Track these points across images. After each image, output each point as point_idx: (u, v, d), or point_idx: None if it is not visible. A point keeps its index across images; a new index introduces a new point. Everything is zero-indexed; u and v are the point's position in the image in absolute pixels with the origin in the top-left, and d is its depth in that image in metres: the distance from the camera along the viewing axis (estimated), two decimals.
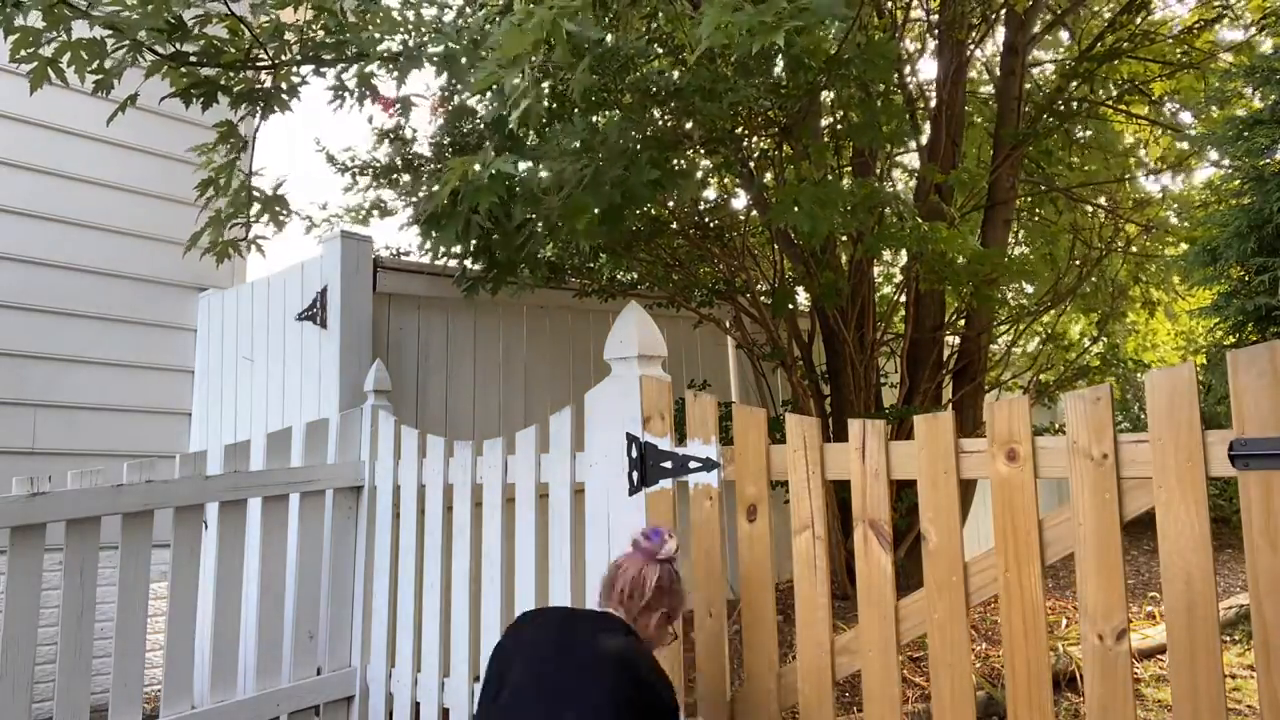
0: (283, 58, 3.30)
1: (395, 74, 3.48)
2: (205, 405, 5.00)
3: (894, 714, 2.21)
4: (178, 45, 3.05)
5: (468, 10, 4.11)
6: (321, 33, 3.30)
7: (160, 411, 4.99)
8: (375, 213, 5.31)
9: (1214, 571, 1.81)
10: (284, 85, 3.33)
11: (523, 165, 3.19)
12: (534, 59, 2.47)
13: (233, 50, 3.19)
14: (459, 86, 3.72)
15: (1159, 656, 4.37)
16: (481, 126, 4.04)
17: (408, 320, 4.50)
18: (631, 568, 2.15)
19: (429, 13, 3.73)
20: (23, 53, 2.74)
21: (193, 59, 3.12)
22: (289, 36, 3.30)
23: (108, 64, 2.89)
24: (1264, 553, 1.74)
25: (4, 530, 2.69)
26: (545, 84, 2.68)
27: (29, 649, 2.71)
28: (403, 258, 4.73)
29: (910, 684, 3.99)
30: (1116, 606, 1.91)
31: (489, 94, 3.34)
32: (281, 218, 3.66)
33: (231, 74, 3.27)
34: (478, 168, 2.90)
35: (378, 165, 4.77)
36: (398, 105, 3.73)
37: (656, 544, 2.19)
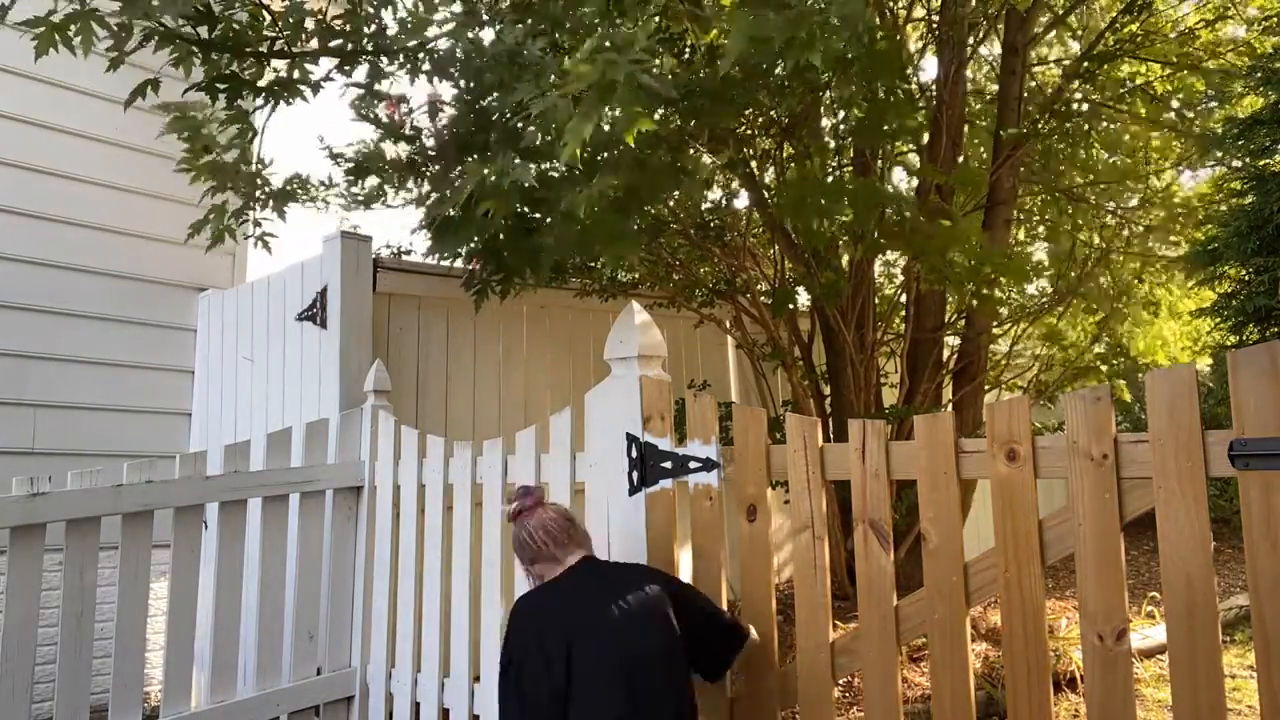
0: (299, 46, 3.26)
1: (409, 70, 3.46)
2: (205, 405, 5.00)
3: (894, 714, 2.21)
4: (201, 33, 3.00)
5: (480, 7, 4.10)
6: (340, 22, 3.26)
7: (160, 411, 4.99)
8: (369, 204, 5.29)
9: (1214, 571, 1.81)
10: (297, 75, 3.29)
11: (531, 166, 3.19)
12: (602, 104, 2.43)
13: (251, 34, 3.14)
14: (483, 88, 3.70)
15: (1159, 656, 4.36)
16: (488, 125, 4.03)
17: (408, 320, 4.50)
18: (545, 515, 2.27)
19: (443, 10, 3.71)
20: (31, 15, 2.66)
21: (215, 46, 3.07)
22: (309, 24, 3.25)
23: (126, 47, 2.84)
24: (1264, 553, 1.74)
25: (4, 530, 2.69)
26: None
27: (29, 649, 2.71)
28: (403, 257, 4.73)
29: (910, 684, 3.99)
30: (1116, 606, 1.91)
31: (517, 105, 3.33)
32: (286, 210, 3.64)
33: (249, 63, 3.23)
34: (495, 175, 2.89)
35: (378, 156, 4.75)
36: (410, 108, 3.72)
37: (538, 494, 2.34)
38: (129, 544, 2.96)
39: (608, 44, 2.35)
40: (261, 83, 3.24)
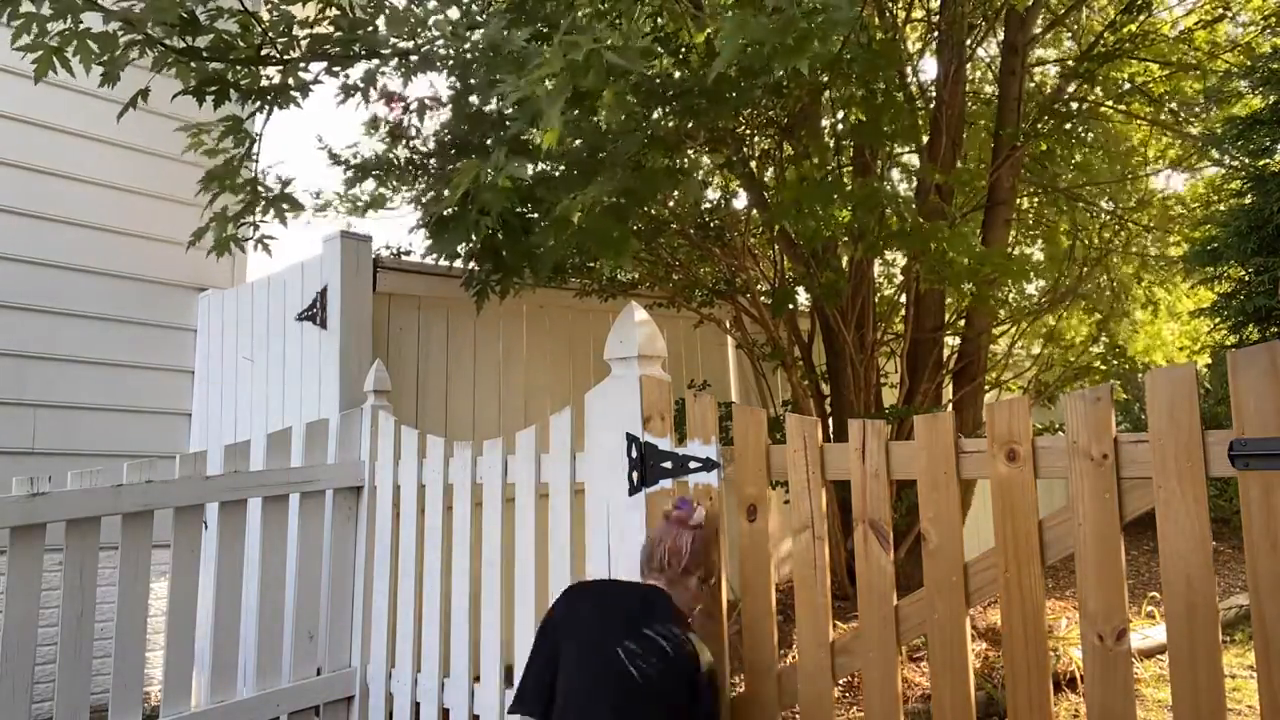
0: (291, 54, 3.29)
1: (403, 73, 3.47)
2: (205, 405, 5.00)
3: (894, 714, 2.21)
4: (188, 40, 3.03)
5: (474, 8, 4.11)
6: (330, 28, 3.28)
7: (160, 411, 4.99)
8: (372, 209, 5.30)
9: (1214, 571, 1.81)
10: (291, 81, 3.31)
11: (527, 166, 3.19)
12: (570, 85, 2.45)
13: (242, 45, 3.17)
14: (471, 85, 3.71)
15: (1159, 656, 4.36)
16: (484, 125, 4.03)
17: (408, 320, 4.50)
18: (667, 538, 2.31)
19: (435, 8, 3.72)
20: (26, 39, 2.70)
21: (204, 54, 3.10)
22: (298, 32, 3.28)
23: (116, 55, 2.87)
24: (1264, 553, 1.74)
25: (4, 530, 2.69)
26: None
27: (29, 649, 2.71)
28: (403, 257, 4.73)
29: (910, 684, 3.99)
30: (1116, 606, 1.91)
31: (498, 98, 3.33)
32: (288, 214, 3.65)
33: (240, 69, 3.26)
34: (490, 171, 2.89)
35: (379, 161, 4.76)
36: (405, 106, 3.73)
37: (686, 512, 2.36)
38: (129, 544, 2.96)
39: (574, 29, 2.38)
40: (248, 85, 3.26)
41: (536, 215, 3.70)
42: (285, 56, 3.27)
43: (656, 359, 2.72)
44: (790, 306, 5.16)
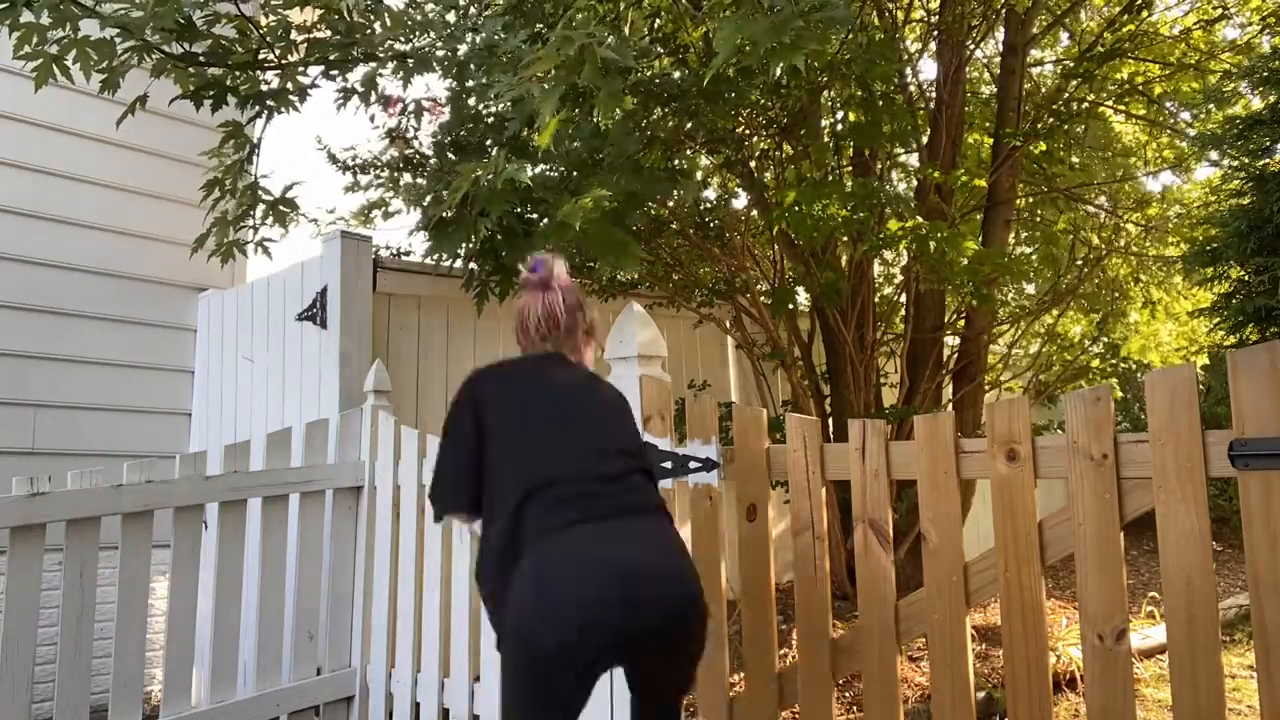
0: (289, 58, 3.29)
1: (401, 76, 3.48)
2: (205, 405, 5.00)
3: (894, 714, 2.21)
4: (186, 46, 3.04)
5: (472, 10, 4.11)
6: (328, 32, 3.29)
7: (160, 411, 4.99)
8: (377, 213, 5.31)
9: (1214, 571, 1.81)
10: (290, 85, 3.32)
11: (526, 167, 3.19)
12: (565, 82, 2.46)
13: (240, 50, 3.18)
14: (468, 87, 3.72)
15: (1159, 656, 4.36)
16: (482, 127, 4.03)
17: (408, 320, 4.50)
18: (535, 305, 2.09)
19: (433, 11, 3.73)
20: (26, 49, 2.72)
21: (201, 59, 3.11)
22: (296, 37, 3.29)
23: (114, 63, 2.88)
24: (1264, 553, 1.74)
25: (4, 530, 2.69)
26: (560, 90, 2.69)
27: (29, 649, 2.71)
28: (403, 257, 4.73)
29: (910, 684, 3.99)
30: (1116, 607, 1.91)
31: (493, 97, 3.34)
32: (290, 220, 3.65)
33: (239, 74, 3.27)
34: (489, 175, 2.89)
35: (379, 163, 4.77)
36: (403, 109, 3.73)
37: (543, 273, 2.11)
38: (129, 544, 2.96)
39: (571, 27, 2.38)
40: (246, 90, 3.27)
41: (536, 215, 3.70)
42: (283, 61, 3.27)
43: (656, 359, 2.72)
44: (790, 306, 5.16)
